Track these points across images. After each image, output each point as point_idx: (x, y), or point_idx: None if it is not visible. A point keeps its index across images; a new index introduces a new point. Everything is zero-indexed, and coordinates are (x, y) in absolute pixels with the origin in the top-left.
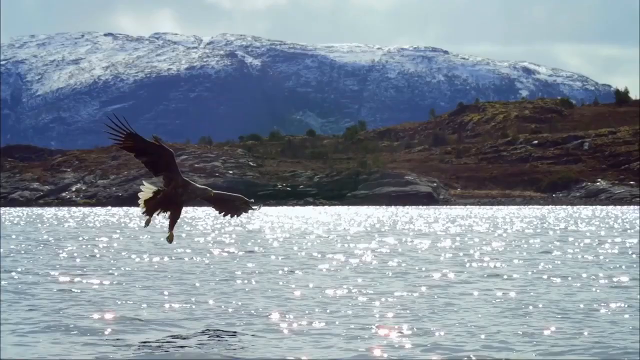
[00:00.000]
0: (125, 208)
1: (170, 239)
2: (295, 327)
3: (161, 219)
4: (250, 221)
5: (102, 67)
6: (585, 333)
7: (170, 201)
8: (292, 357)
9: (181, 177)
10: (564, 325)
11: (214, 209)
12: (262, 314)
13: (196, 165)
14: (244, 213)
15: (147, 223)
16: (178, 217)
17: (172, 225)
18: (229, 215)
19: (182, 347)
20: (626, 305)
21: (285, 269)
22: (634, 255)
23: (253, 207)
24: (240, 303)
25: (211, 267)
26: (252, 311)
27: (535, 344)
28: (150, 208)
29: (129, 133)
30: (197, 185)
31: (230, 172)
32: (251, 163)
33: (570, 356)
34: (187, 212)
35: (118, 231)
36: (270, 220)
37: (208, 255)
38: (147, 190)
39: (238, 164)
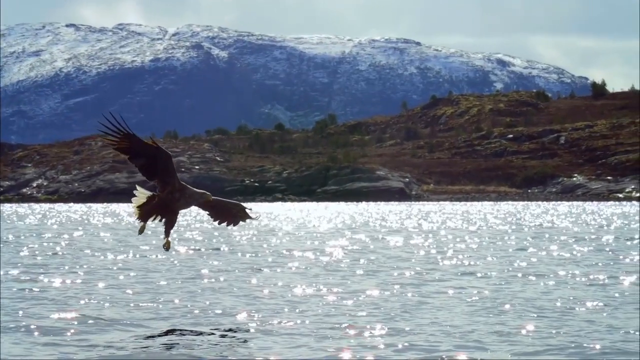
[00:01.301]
0: (88, 204)
1: (166, 246)
2: (264, 327)
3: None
4: None
5: (64, 59)
6: (562, 332)
7: (166, 207)
8: (260, 357)
9: (178, 180)
10: (540, 324)
11: (209, 217)
12: (230, 313)
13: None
14: (241, 222)
15: (142, 230)
16: (174, 223)
17: (168, 232)
18: (226, 223)
19: (147, 347)
20: (602, 304)
21: (255, 267)
22: (610, 253)
23: (251, 216)
24: (207, 302)
25: (177, 265)
26: (219, 310)
27: (510, 343)
28: (145, 214)
29: (126, 134)
30: (195, 189)
31: (197, 167)
32: (218, 158)
33: (546, 356)
34: None
35: (80, 228)
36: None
37: (174, 253)
38: (140, 195)
39: (204, 159)
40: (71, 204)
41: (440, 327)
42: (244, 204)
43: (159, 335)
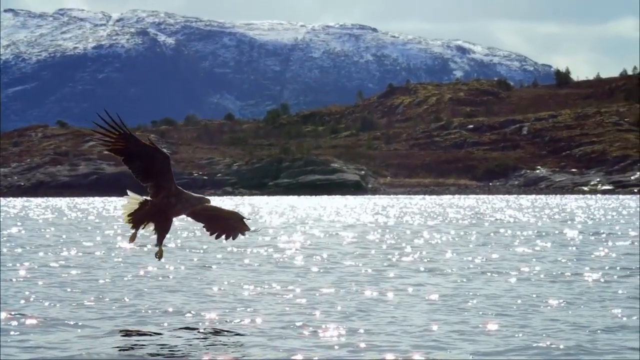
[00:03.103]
0: (27, 199)
1: (159, 255)
2: (214, 326)
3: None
4: None
5: (2, 46)
6: (525, 331)
7: (160, 213)
8: (207, 357)
9: (175, 184)
10: (502, 322)
11: (204, 229)
12: (179, 312)
13: (105, 152)
14: (240, 235)
15: (133, 238)
16: (168, 230)
17: (160, 240)
18: (223, 236)
19: (91, 348)
20: (567, 302)
21: (205, 265)
22: (574, 248)
23: (250, 229)
24: (154, 301)
25: (122, 262)
26: (169, 309)
27: (472, 342)
28: (137, 220)
29: (123, 134)
30: (192, 193)
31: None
32: (165, 150)
33: (509, 356)
34: (94, 202)
35: (19, 224)
36: None
37: (119, 249)
38: (132, 200)
39: None
40: (10, 199)
41: (399, 326)
42: (241, 214)
43: (105, 336)
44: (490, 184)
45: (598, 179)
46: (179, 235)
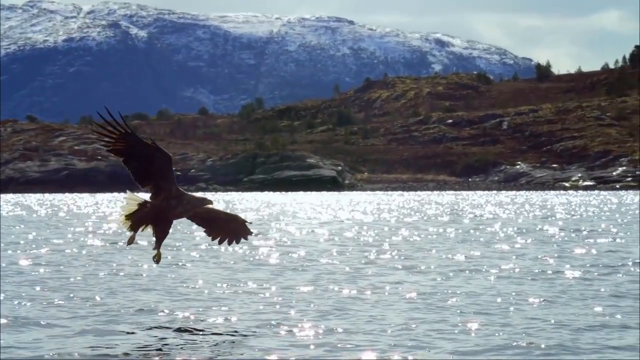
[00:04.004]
0: None
1: (157, 258)
2: (188, 325)
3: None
4: None
5: None
6: (506, 329)
7: (159, 215)
8: (181, 357)
9: (176, 186)
10: (482, 320)
11: (205, 233)
12: (152, 310)
13: (76, 148)
14: (242, 239)
15: (131, 241)
16: (167, 233)
17: (159, 243)
18: (225, 241)
19: (61, 347)
20: (545, 300)
21: (179, 263)
22: (555, 245)
23: (251, 232)
24: (127, 299)
25: (94, 260)
26: (142, 307)
27: (451, 341)
28: (135, 223)
29: (124, 133)
30: (194, 194)
31: (114, 155)
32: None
33: (490, 355)
34: (64, 198)
35: None
36: None
37: (90, 247)
38: (130, 201)
39: None
40: None
41: (377, 325)
42: (243, 217)
43: (76, 335)
44: (470, 179)
45: (579, 175)
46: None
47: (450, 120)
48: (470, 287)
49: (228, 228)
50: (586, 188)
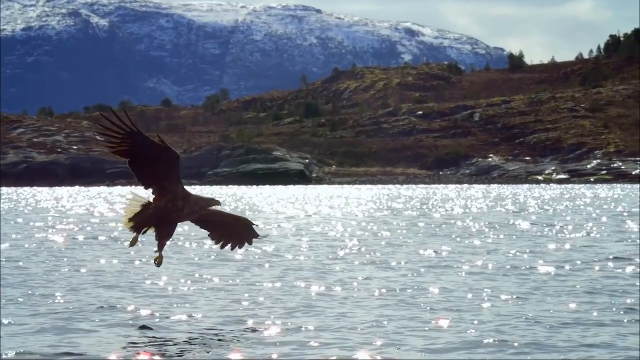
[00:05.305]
0: None
1: (158, 261)
2: (152, 322)
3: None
4: (93, 205)
5: None
6: (477, 326)
7: (164, 217)
8: (145, 356)
9: (182, 186)
10: (454, 317)
11: (209, 237)
12: (114, 307)
13: (35, 140)
14: (247, 244)
15: (134, 242)
16: (170, 236)
17: (161, 246)
18: (230, 246)
19: (21, 345)
20: (518, 296)
21: (143, 259)
22: (528, 240)
23: (259, 235)
24: (89, 296)
25: (54, 256)
26: (104, 305)
27: (423, 338)
28: (139, 224)
29: (130, 132)
30: (200, 195)
31: (75, 147)
32: (98, 137)
33: (461, 352)
34: (23, 192)
35: None
36: (118, 202)
37: (51, 242)
38: (134, 202)
39: (83, 138)
40: None
41: (346, 322)
42: (250, 219)
43: (36, 333)
44: (441, 173)
45: (553, 168)
46: (115, 228)
47: (421, 112)
48: (441, 283)
49: (233, 231)
50: (560, 181)
